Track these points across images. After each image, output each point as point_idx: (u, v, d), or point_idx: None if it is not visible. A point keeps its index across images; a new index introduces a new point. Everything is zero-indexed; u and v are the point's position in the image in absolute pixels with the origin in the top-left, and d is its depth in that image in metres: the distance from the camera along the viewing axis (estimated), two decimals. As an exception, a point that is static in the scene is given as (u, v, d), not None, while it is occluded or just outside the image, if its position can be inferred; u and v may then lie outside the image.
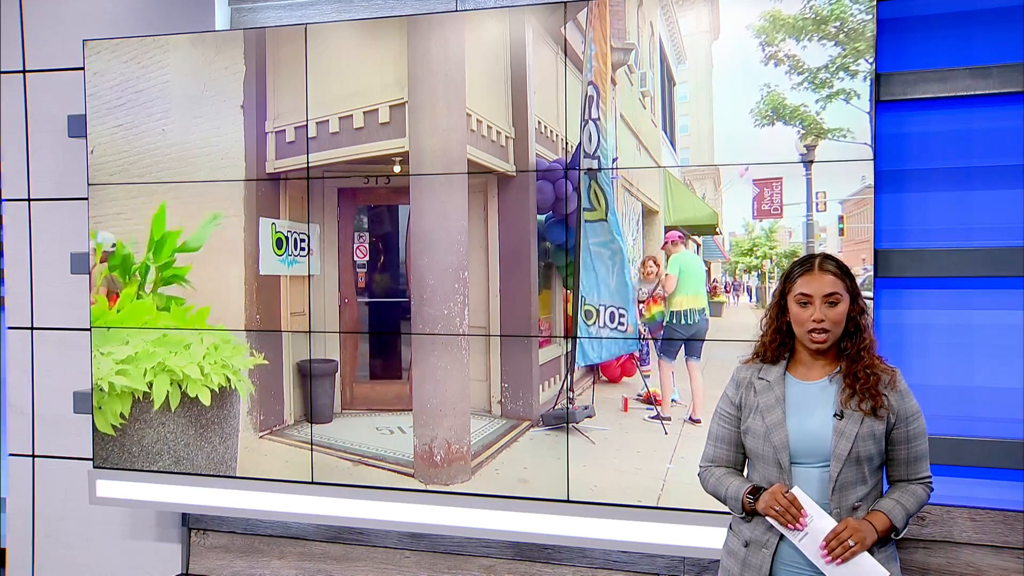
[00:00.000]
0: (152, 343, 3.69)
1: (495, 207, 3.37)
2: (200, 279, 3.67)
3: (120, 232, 3.74)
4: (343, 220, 3.60)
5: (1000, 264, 2.97)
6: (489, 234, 3.38)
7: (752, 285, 3.19)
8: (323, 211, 3.58)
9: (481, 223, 3.38)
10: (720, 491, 2.29)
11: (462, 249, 3.39)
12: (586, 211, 3.24)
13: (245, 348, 3.63)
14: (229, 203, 3.62)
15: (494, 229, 3.37)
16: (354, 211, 3.60)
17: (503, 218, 3.34)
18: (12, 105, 4.13)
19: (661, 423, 3.20)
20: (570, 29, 3.23)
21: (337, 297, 3.59)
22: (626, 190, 3.21)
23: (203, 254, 3.66)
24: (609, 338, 3.25)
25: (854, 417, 2.16)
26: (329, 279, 3.59)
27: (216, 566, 3.96)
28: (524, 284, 3.34)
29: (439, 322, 3.42)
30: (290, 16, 3.81)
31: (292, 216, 3.58)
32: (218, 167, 3.63)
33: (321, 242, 3.60)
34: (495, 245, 3.39)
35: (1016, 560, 3.02)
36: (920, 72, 3.02)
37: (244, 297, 3.62)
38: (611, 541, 3.23)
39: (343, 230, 3.61)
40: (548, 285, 3.33)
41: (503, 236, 3.36)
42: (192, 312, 3.66)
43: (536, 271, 3.33)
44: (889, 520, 2.16)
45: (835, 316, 2.19)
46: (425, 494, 3.41)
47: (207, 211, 3.64)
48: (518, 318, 3.35)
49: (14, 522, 4.22)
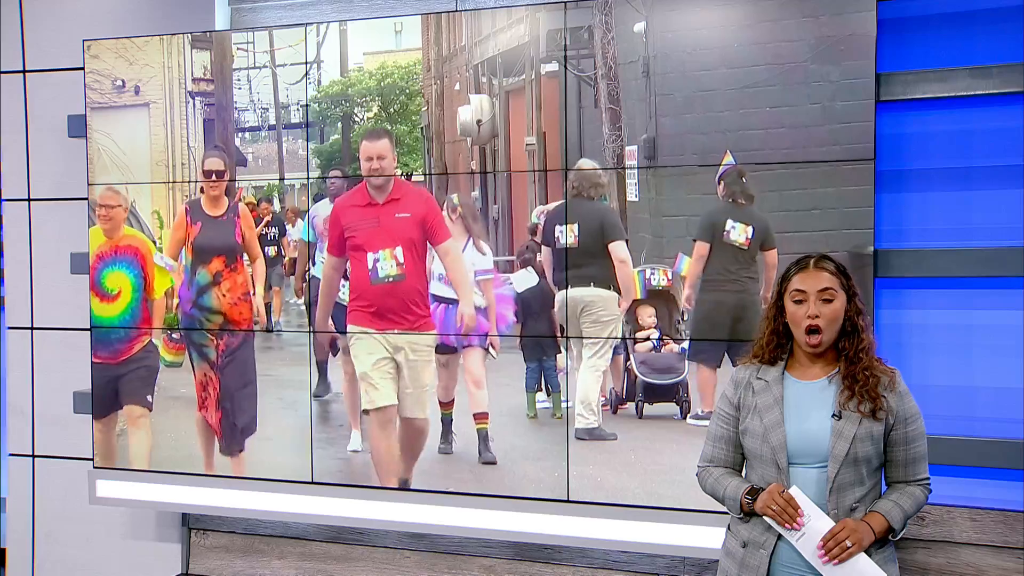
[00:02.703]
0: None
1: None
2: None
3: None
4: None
5: (1000, 264, 2.97)
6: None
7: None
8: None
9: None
10: (718, 491, 2.29)
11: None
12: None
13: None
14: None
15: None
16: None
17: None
18: (12, 105, 4.13)
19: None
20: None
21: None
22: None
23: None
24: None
25: (852, 418, 2.16)
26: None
27: (216, 566, 3.96)
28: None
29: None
30: (290, 16, 3.81)
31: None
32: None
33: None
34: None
35: (1016, 560, 3.02)
36: (920, 72, 3.01)
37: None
38: (611, 541, 3.23)
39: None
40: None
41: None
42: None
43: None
44: (887, 521, 2.16)
45: (830, 313, 2.18)
46: (425, 494, 3.41)
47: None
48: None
49: (14, 522, 4.22)
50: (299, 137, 3.60)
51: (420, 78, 3.45)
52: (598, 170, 3.23)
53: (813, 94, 2.99)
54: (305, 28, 3.57)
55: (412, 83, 3.45)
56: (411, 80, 3.45)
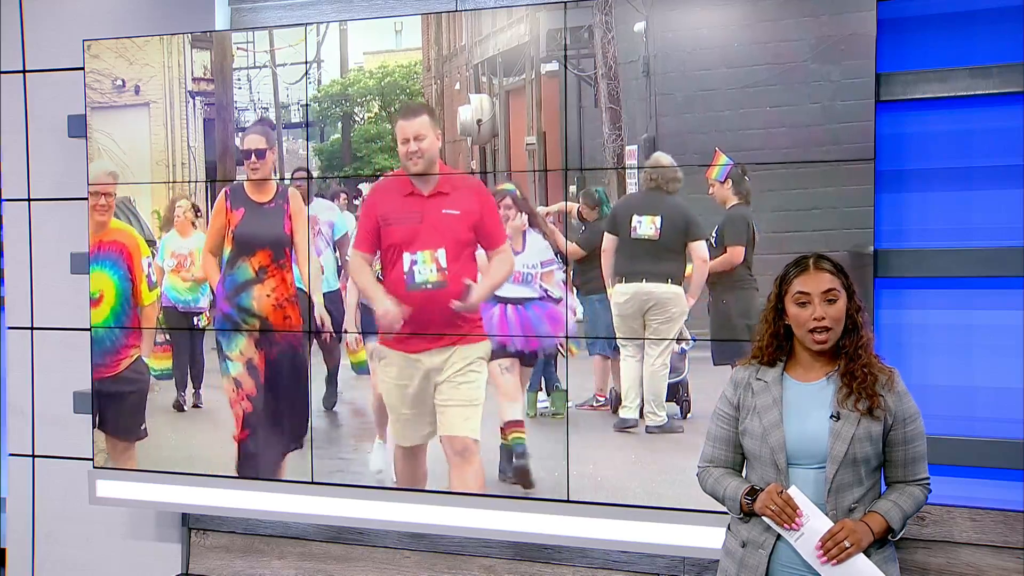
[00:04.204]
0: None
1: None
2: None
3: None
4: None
5: (1000, 264, 2.96)
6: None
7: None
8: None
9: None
10: (718, 492, 2.29)
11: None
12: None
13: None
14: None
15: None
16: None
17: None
18: (12, 105, 4.13)
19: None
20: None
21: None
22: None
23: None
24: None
25: (851, 418, 2.16)
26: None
27: (216, 566, 3.96)
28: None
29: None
30: (290, 16, 3.81)
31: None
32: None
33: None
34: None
35: (1016, 560, 3.02)
36: (920, 72, 3.01)
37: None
38: (611, 541, 3.23)
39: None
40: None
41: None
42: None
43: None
44: (886, 522, 2.16)
45: (835, 313, 2.19)
46: (425, 494, 3.41)
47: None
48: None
49: (14, 522, 4.22)
50: (299, 137, 3.60)
51: (420, 78, 3.45)
52: (675, 167, 3.14)
53: (813, 94, 2.99)
54: (305, 28, 3.57)
55: (412, 83, 3.44)
56: (411, 80, 3.45)
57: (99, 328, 3.73)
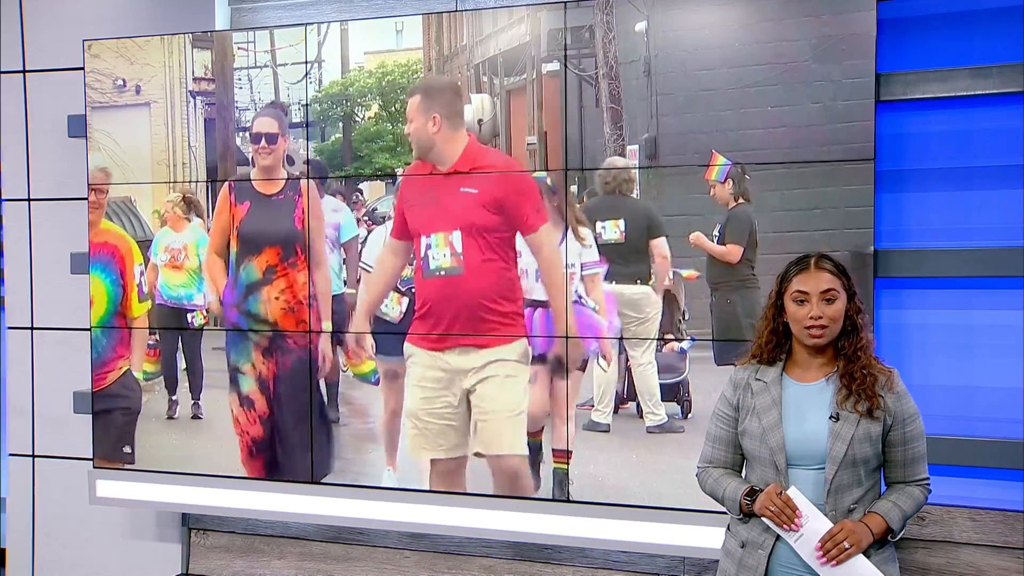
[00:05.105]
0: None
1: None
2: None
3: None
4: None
5: (1000, 264, 2.97)
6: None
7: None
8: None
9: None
10: (718, 492, 2.29)
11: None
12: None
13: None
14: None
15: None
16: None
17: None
18: (12, 105, 4.13)
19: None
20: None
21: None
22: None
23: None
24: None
25: (850, 419, 2.16)
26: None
27: (216, 566, 3.96)
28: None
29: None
30: (290, 16, 3.81)
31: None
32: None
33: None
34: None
35: (1016, 560, 3.02)
36: (920, 72, 3.01)
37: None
38: (611, 541, 3.23)
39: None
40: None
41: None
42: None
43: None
44: (885, 522, 2.16)
45: (832, 313, 2.19)
46: (425, 494, 3.41)
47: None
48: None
49: (14, 522, 4.22)
50: (300, 137, 3.60)
51: (421, 77, 3.45)
52: (618, 168, 3.15)
53: (813, 94, 2.99)
54: (305, 28, 3.57)
55: (413, 82, 3.44)
56: (412, 79, 3.45)
57: (98, 328, 3.73)
